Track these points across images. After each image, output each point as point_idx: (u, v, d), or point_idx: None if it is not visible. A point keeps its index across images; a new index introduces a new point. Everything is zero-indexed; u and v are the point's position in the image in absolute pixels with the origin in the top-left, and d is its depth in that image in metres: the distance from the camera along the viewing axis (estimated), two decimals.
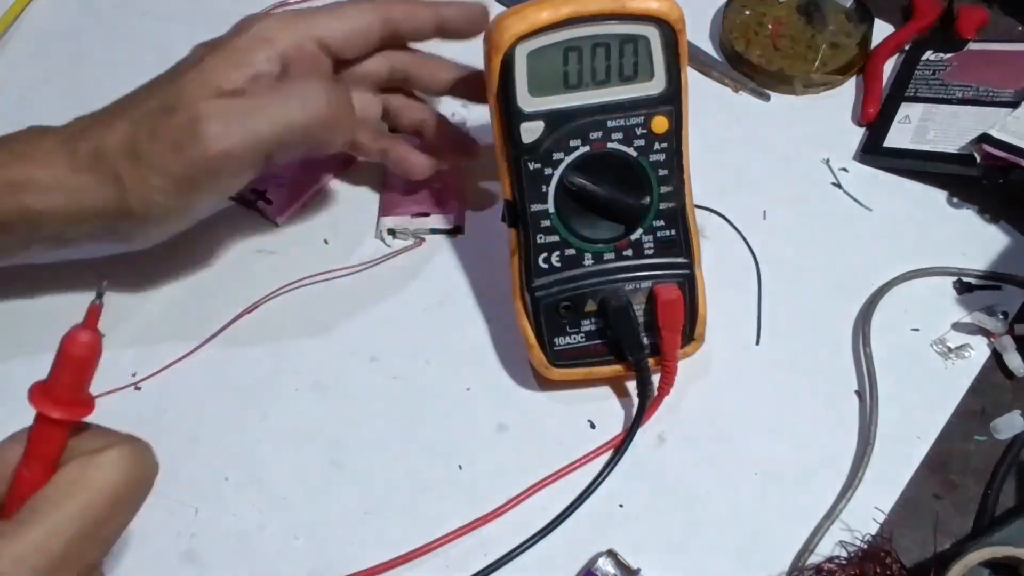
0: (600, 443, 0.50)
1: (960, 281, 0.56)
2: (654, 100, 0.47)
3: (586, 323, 0.50)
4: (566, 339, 0.50)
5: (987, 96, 0.60)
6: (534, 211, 0.49)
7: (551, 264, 0.50)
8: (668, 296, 0.49)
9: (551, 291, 0.50)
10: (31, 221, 0.47)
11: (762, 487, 0.50)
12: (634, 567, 0.47)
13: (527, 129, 0.47)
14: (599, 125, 0.48)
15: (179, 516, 0.49)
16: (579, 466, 0.50)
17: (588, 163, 0.48)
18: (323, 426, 0.52)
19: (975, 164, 0.57)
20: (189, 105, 0.45)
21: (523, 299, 0.51)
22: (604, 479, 0.50)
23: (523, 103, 0.47)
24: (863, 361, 0.53)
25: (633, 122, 0.48)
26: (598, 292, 0.49)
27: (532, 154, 0.48)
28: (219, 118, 0.45)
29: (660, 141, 0.48)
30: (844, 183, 0.60)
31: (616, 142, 0.48)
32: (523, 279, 0.50)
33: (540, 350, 0.51)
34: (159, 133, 0.45)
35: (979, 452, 0.51)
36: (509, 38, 0.45)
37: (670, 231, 0.49)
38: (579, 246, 0.49)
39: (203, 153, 0.45)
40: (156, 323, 0.55)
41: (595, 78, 0.47)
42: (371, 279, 0.57)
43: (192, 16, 0.69)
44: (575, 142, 0.48)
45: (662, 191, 0.49)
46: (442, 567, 0.48)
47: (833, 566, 0.46)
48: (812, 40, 0.65)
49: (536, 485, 0.49)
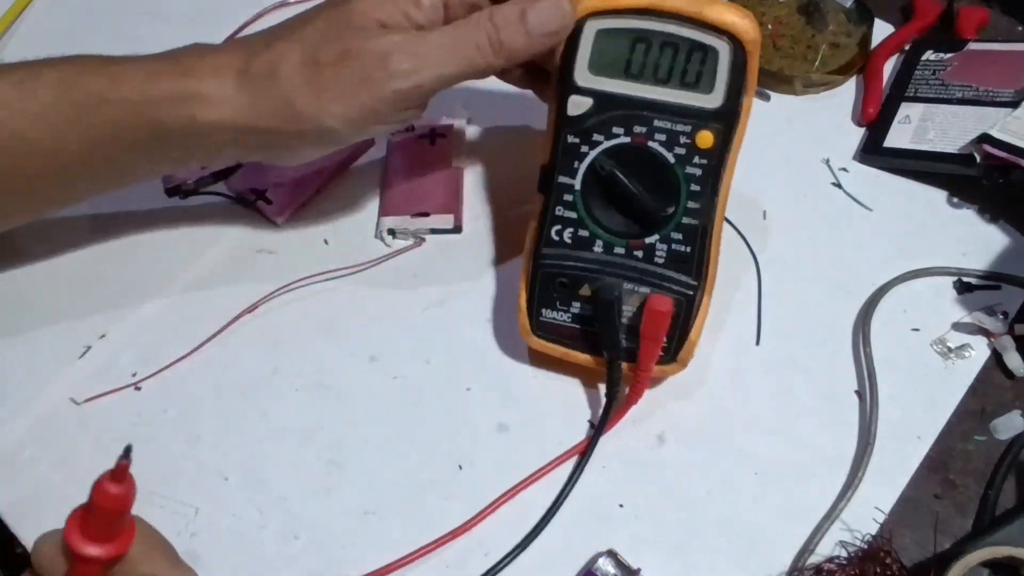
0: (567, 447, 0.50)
1: (960, 281, 0.56)
2: (706, 114, 0.47)
3: (576, 305, 0.50)
4: (553, 313, 0.51)
5: (987, 96, 0.60)
6: (561, 182, 0.49)
7: (562, 239, 0.50)
8: (658, 306, 0.48)
9: (553, 263, 0.50)
10: (196, 134, 0.47)
11: (762, 487, 0.50)
12: (634, 567, 0.47)
13: (575, 102, 0.48)
14: (646, 121, 0.47)
15: (179, 516, 0.49)
16: (543, 475, 0.50)
17: (624, 154, 0.48)
18: (323, 426, 0.52)
19: (975, 164, 0.57)
20: (375, 39, 0.46)
21: (528, 262, 0.51)
22: (572, 487, 0.49)
23: (579, 76, 0.47)
24: (863, 361, 0.53)
25: (679, 128, 0.47)
26: (596, 280, 0.49)
27: (573, 128, 0.48)
28: (409, 55, 0.46)
29: (701, 156, 0.47)
30: (844, 183, 0.60)
31: (657, 143, 0.47)
32: (533, 244, 0.51)
33: (527, 316, 0.51)
34: (344, 63, 0.46)
35: (979, 452, 0.51)
36: (583, 9, 0.46)
37: (686, 247, 0.48)
38: (593, 231, 0.49)
39: (392, 88, 0.46)
40: (156, 323, 0.55)
41: (656, 74, 0.47)
42: (371, 279, 0.57)
43: (192, 16, 0.70)
44: (618, 129, 0.48)
45: (689, 206, 0.48)
46: (442, 567, 0.48)
47: (833, 566, 0.46)
48: (812, 40, 0.65)
49: (503, 496, 0.49)
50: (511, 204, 0.60)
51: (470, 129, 0.63)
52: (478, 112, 0.64)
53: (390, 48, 0.46)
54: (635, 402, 0.51)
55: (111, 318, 0.56)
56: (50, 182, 0.49)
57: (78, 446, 0.51)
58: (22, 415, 0.53)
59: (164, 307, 0.56)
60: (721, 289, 0.52)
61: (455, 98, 0.64)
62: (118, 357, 0.54)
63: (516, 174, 0.61)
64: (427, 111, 0.62)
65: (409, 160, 0.61)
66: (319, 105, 0.46)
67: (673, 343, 0.49)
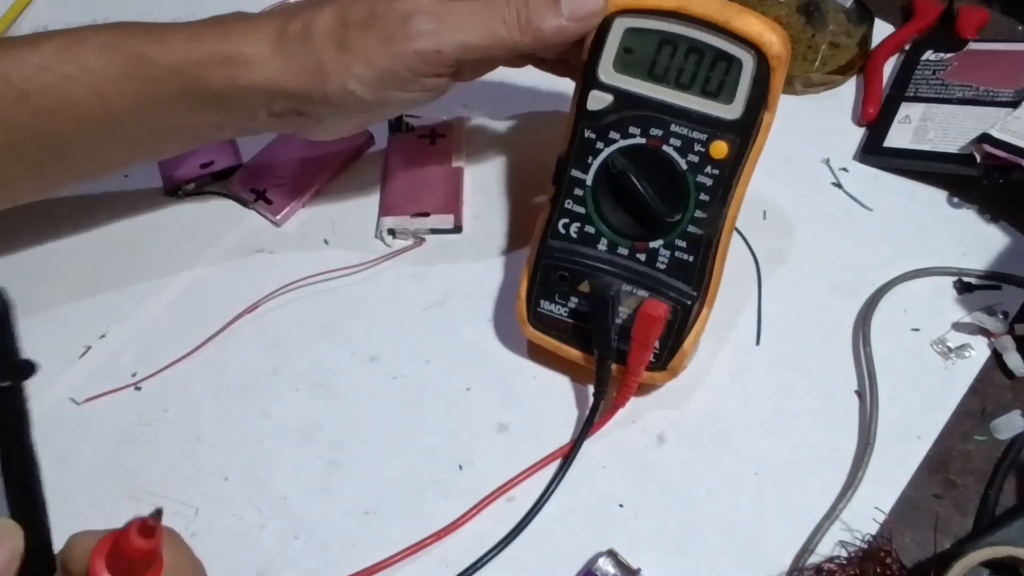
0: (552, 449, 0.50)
1: (960, 281, 0.56)
2: (723, 124, 0.46)
3: (574, 300, 0.50)
4: (551, 305, 0.51)
5: (987, 96, 0.60)
6: (573, 176, 0.49)
7: (568, 232, 0.50)
8: (652, 311, 0.48)
9: (556, 255, 0.50)
10: (235, 96, 0.48)
11: (762, 487, 0.50)
12: (634, 567, 0.47)
13: (595, 97, 0.48)
14: (663, 124, 0.47)
15: (179, 516, 0.49)
16: (530, 475, 0.49)
17: (638, 155, 0.48)
18: (323, 426, 0.52)
19: (975, 164, 0.57)
20: (403, 1, 0.46)
21: (533, 251, 0.51)
22: (553, 492, 0.49)
23: (602, 72, 0.47)
24: (863, 361, 0.53)
25: (695, 136, 0.47)
26: (596, 277, 0.49)
27: (591, 122, 0.48)
28: (433, 17, 0.46)
29: (714, 166, 0.47)
30: (844, 183, 0.60)
31: (672, 147, 0.47)
32: (540, 234, 0.51)
33: (525, 304, 0.51)
34: (370, 24, 0.46)
35: (979, 452, 0.51)
36: (612, 6, 0.46)
37: (689, 256, 0.48)
38: (600, 228, 0.49)
39: (412, 48, 0.46)
40: (156, 323, 0.55)
41: (678, 79, 0.46)
42: (371, 279, 0.57)
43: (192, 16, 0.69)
44: (634, 129, 0.48)
45: (696, 214, 0.48)
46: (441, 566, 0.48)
47: (833, 566, 0.46)
48: (812, 40, 0.65)
49: (481, 502, 0.49)
50: (513, 203, 0.60)
51: (470, 129, 0.63)
52: (478, 112, 0.64)
53: (414, 9, 0.46)
54: (622, 405, 0.50)
55: (111, 318, 0.56)
56: (88, 148, 0.49)
57: (78, 446, 0.51)
58: None
59: (164, 307, 0.56)
60: (721, 289, 0.52)
61: (455, 98, 0.64)
62: (118, 357, 0.54)
63: (517, 174, 0.61)
64: (427, 111, 0.62)
65: (409, 160, 0.61)
66: (343, 65, 0.46)
67: (665, 351, 0.49)
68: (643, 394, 0.52)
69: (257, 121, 0.50)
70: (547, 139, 0.52)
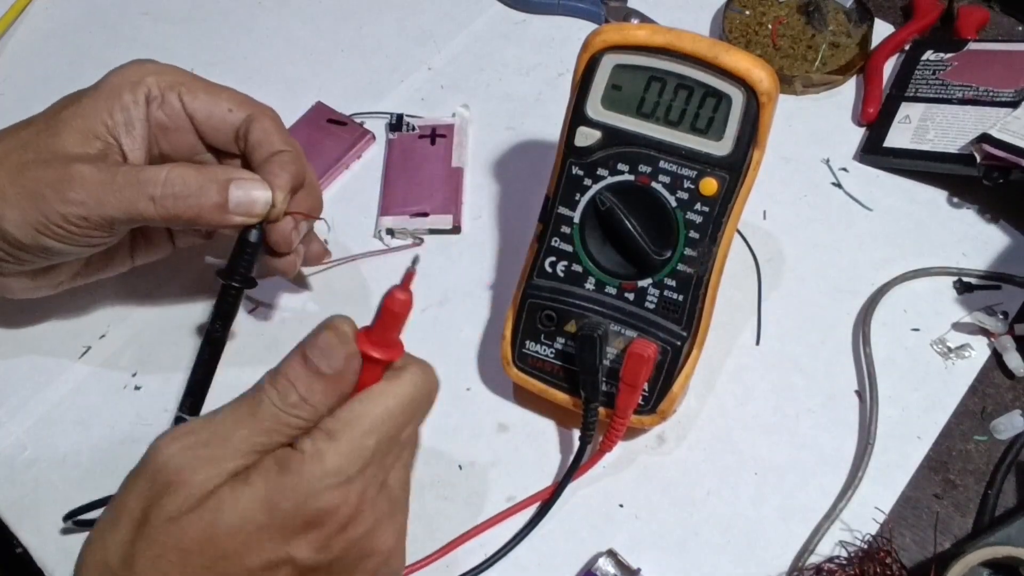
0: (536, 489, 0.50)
1: (960, 281, 0.56)
2: (713, 161, 0.46)
3: (560, 341, 0.49)
4: (536, 346, 0.50)
5: (987, 96, 0.60)
6: (560, 213, 0.48)
7: (555, 271, 0.49)
8: (640, 351, 0.47)
9: (543, 294, 0.49)
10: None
11: (762, 487, 0.50)
12: (634, 567, 0.47)
13: (583, 133, 0.47)
14: (651, 160, 0.46)
15: None
16: (507, 516, 0.49)
17: (627, 192, 0.47)
18: None
19: (975, 164, 0.57)
20: (61, 162, 0.45)
21: (518, 290, 0.50)
22: (524, 537, 0.48)
23: (590, 109, 0.47)
24: (863, 361, 0.53)
25: (684, 172, 0.46)
26: (583, 317, 0.48)
27: (579, 159, 0.47)
28: (83, 186, 0.45)
29: (703, 203, 0.46)
30: (844, 183, 0.60)
31: (661, 184, 0.46)
32: (526, 272, 0.50)
33: (510, 345, 0.50)
34: (26, 176, 0.45)
35: (979, 452, 0.51)
36: (600, 43, 0.46)
37: (678, 295, 0.47)
38: (587, 267, 0.48)
39: (60, 211, 0.45)
40: (156, 323, 0.55)
41: (667, 116, 0.46)
42: (370, 278, 0.57)
43: (192, 16, 0.70)
44: (623, 166, 0.47)
45: (685, 253, 0.47)
46: None
47: (833, 566, 0.46)
48: (812, 40, 0.65)
49: (465, 535, 0.48)
50: (513, 203, 0.60)
51: (470, 129, 0.63)
52: (478, 113, 0.64)
53: (72, 176, 0.45)
54: (609, 449, 0.49)
55: (111, 318, 0.56)
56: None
57: (78, 446, 0.51)
58: (22, 415, 0.53)
59: (164, 307, 0.56)
60: (721, 289, 0.52)
61: (455, 98, 0.64)
62: (118, 357, 0.54)
63: (517, 174, 0.61)
64: (427, 111, 0.62)
65: (409, 160, 0.61)
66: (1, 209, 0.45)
67: (655, 393, 0.48)
68: (630, 437, 0.51)
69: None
70: (547, 140, 0.52)
